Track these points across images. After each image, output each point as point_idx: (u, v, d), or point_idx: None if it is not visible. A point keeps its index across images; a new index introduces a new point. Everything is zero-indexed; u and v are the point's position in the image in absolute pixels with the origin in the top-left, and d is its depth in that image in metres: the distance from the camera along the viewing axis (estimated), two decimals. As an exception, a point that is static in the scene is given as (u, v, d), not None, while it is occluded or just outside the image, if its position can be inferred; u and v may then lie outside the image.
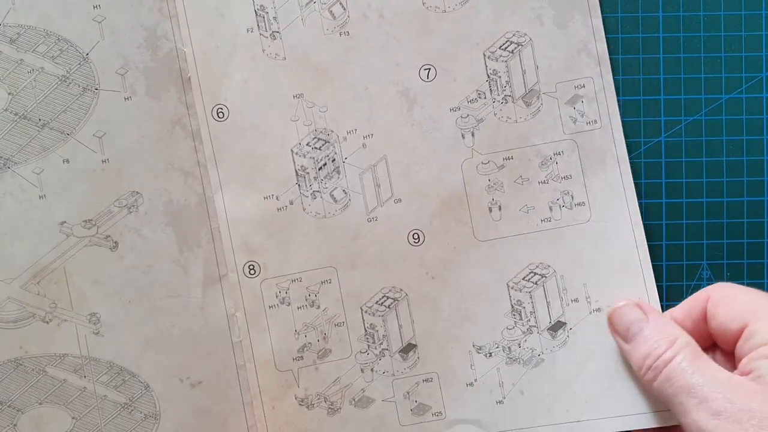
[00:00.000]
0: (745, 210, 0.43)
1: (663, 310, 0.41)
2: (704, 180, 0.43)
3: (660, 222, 0.43)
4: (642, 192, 0.43)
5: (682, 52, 0.43)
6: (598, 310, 0.41)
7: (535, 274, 0.42)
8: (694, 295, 0.40)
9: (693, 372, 0.36)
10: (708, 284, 0.42)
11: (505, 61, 0.42)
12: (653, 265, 0.42)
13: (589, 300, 0.42)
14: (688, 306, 0.39)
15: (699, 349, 0.37)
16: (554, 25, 0.41)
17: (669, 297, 0.43)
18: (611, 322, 0.40)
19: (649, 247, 0.42)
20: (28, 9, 0.40)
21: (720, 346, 0.39)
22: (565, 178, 0.42)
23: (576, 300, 0.42)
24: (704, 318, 0.39)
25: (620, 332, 0.40)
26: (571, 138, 0.42)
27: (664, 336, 0.38)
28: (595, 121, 0.42)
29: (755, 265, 0.43)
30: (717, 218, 0.43)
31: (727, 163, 0.43)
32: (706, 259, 0.43)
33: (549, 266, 0.42)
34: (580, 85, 0.42)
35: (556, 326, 0.42)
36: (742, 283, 0.43)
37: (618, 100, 0.42)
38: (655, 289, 0.41)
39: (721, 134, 0.43)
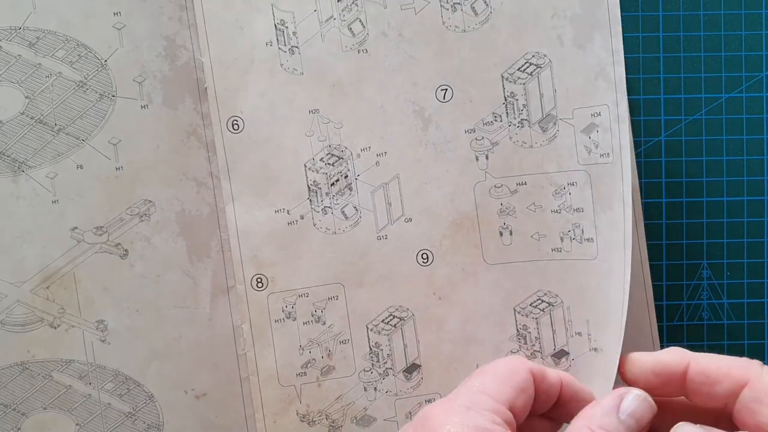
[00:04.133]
0: (745, 209, 0.43)
1: (661, 333, 0.41)
2: (704, 179, 0.43)
3: (660, 221, 0.43)
4: (642, 191, 0.42)
5: (682, 51, 0.43)
6: (595, 350, 0.41)
7: (543, 301, 0.42)
8: (729, 362, 0.35)
9: None
10: (708, 284, 0.42)
11: (523, 84, 0.41)
12: (653, 265, 0.42)
13: (590, 337, 0.41)
14: (717, 371, 0.35)
15: None
16: (574, 45, 0.41)
17: (669, 297, 0.43)
18: None
19: (649, 246, 0.41)
20: (48, 13, 0.40)
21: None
22: (577, 210, 0.41)
23: (579, 334, 0.41)
24: (727, 397, 0.35)
25: None
26: (584, 169, 0.41)
27: None
28: (608, 154, 0.41)
29: (755, 265, 0.43)
30: (717, 218, 0.43)
31: (727, 163, 0.43)
32: (706, 259, 0.43)
33: (557, 296, 0.41)
34: (596, 112, 0.41)
35: (560, 354, 0.42)
36: (742, 283, 0.43)
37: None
38: (656, 339, 0.41)
39: (721, 133, 0.43)
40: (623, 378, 0.38)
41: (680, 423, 0.34)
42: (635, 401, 0.34)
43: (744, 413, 0.34)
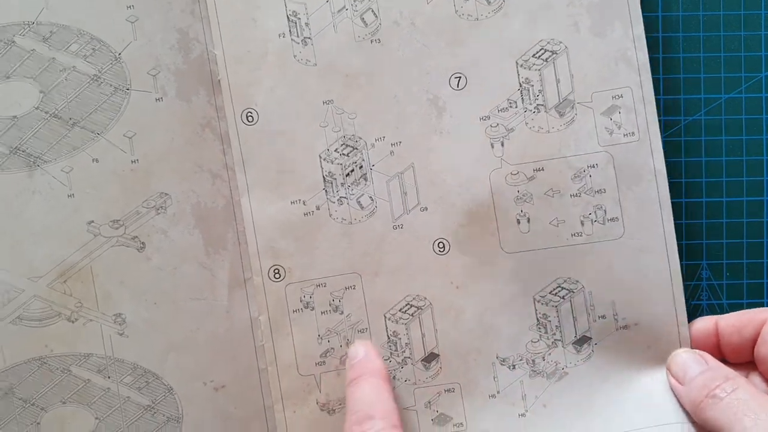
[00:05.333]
0: (744, 210, 0.43)
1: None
2: (703, 180, 0.43)
3: (660, 222, 0.43)
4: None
5: (681, 51, 0.43)
6: (625, 327, 0.41)
7: (563, 288, 0.41)
8: (751, 311, 0.39)
9: (759, 404, 0.36)
10: (707, 284, 0.42)
11: (539, 70, 0.41)
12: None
13: (616, 317, 0.41)
14: (740, 320, 0.39)
15: (756, 388, 0.37)
16: (591, 33, 0.41)
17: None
18: (669, 366, 0.40)
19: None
20: (61, 8, 0.40)
21: (762, 372, 0.39)
22: (598, 191, 0.41)
23: (603, 317, 0.41)
24: (754, 338, 0.39)
25: (677, 374, 0.40)
26: (606, 150, 0.41)
27: (723, 374, 0.38)
28: (633, 133, 0.41)
29: (755, 265, 0.43)
30: (716, 218, 0.43)
31: (727, 163, 0.43)
32: (706, 259, 0.43)
33: (577, 281, 0.41)
34: (617, 95, 0.41)
35: (581, 341, 0.41)
36: (741, 284, 0.43)
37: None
38: (685, 311, 0.41)
39: (721, 134, 0.43)
40: None
41: (678, 350, 0.40)
42: None
43: (762, 348, 0.39)
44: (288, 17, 0.41)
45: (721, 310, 0.43)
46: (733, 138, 0.43)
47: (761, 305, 0.43)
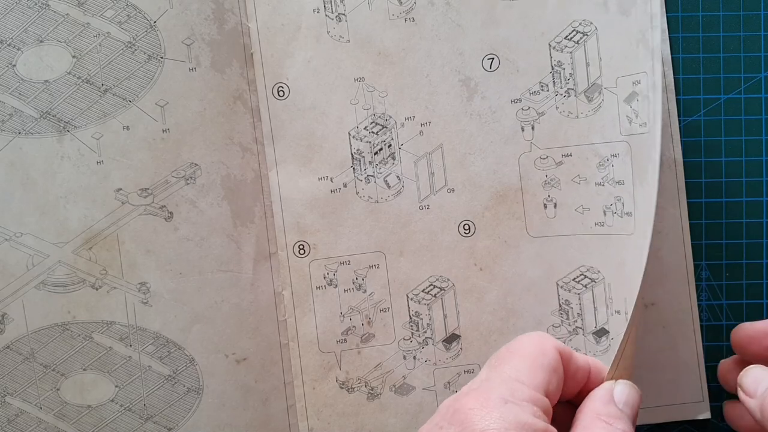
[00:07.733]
0: (744, 210, 0.43)
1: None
2: (703, 180, 0.43)
3: (660, 222, 0.43)
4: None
5: (680, 52, 0.43)
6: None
7: (586, 277, 0.41)
8: None
9: None
10: (707, 285, 0.42)
11: (570, 52, 0.41)
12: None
13: (627, 316, 0.40)
14: None
15: None
16: (618, 11, 0.40)
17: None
18: (741, 381, 0.38)
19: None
20: (96, -26, 0.40)
21: None
22: (618, 183, 0.40)
23: (618, 312, 0.41)
24: None
25: (748, 388, 0.37)
26: (626, 140, 0.41)
27: None
28: (645, 123, 0.39)
29: (754, 266, 0.43)
30: (716, 219, 0.43)
31: (726, 164, 0.43)
32: (706, 260, 0.43)
33: (599, 272, 0.41)
34: (636, 80, 0.40)
35: (600, 332, 0.41)
36: (741, 284, 0.43)
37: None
38: (699, 321, 0.41)
39: (720, 135, 0.43)
40: None
41: (751, 366, 0.37)
42: (626, 389, 0.34)
43: None
44: (323, -7, 0.41)
45: (720, 311, 0.43)
46: (733, 139, 0.43)
47: (761, 306, 0.43)
